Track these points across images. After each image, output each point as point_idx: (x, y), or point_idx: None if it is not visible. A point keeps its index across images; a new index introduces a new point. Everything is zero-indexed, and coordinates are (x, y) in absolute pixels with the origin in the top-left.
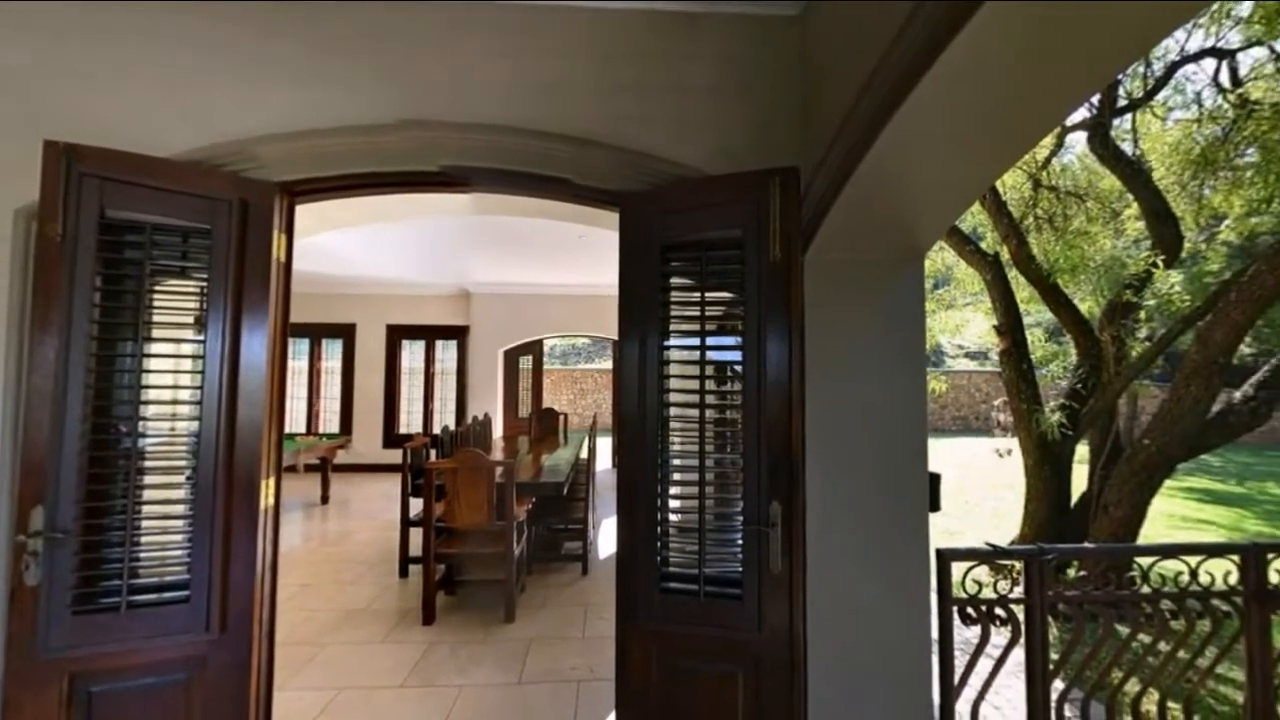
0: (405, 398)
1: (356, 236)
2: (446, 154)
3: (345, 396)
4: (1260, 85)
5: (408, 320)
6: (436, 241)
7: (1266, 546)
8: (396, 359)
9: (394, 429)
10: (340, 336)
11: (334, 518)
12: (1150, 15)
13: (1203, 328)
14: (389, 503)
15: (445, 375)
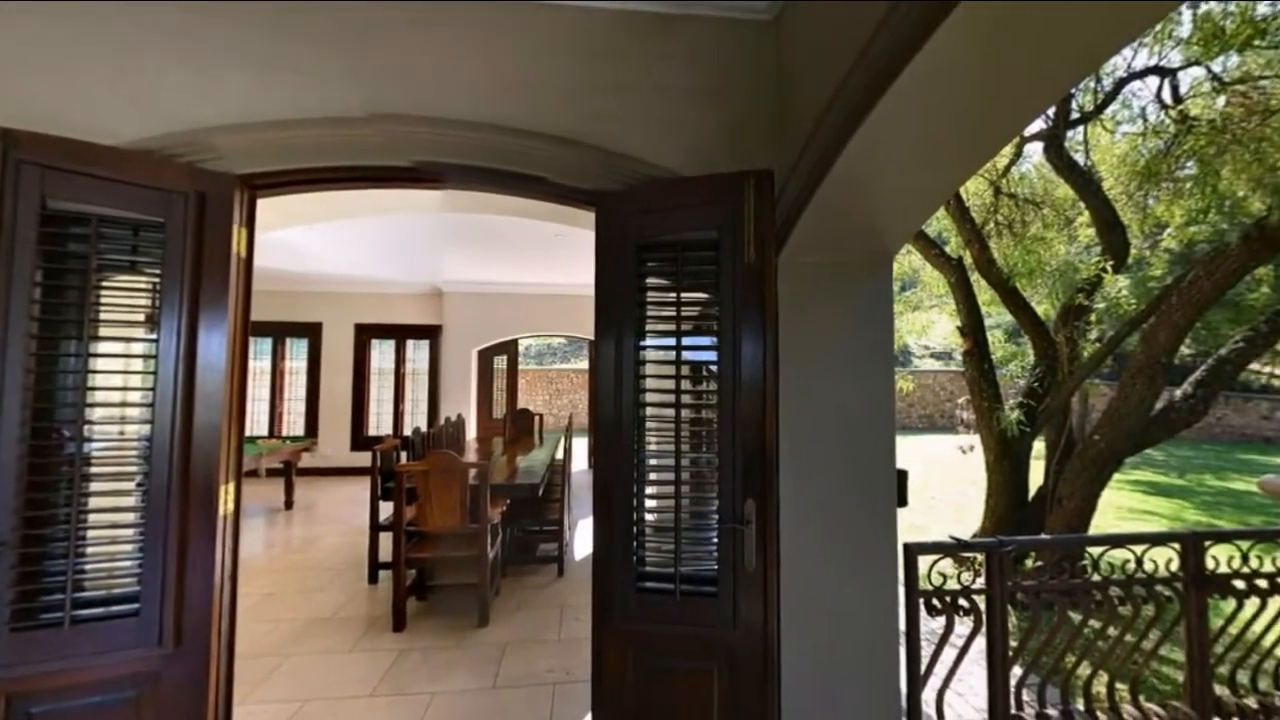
0: (374, 399)
1: (323, 232)
2: (420, 149)
3: (311, 398)
4: (1198, 103)
5: (377, 319)
6: (408, 239)
7: (1204, 535)
8: (365, 359)
9: (363, 431)
10: (306, 336)
11: (299, 523)
12: (1099, 32)
13: (1147, 329)
14: (357, 507)
15: (417, 376)
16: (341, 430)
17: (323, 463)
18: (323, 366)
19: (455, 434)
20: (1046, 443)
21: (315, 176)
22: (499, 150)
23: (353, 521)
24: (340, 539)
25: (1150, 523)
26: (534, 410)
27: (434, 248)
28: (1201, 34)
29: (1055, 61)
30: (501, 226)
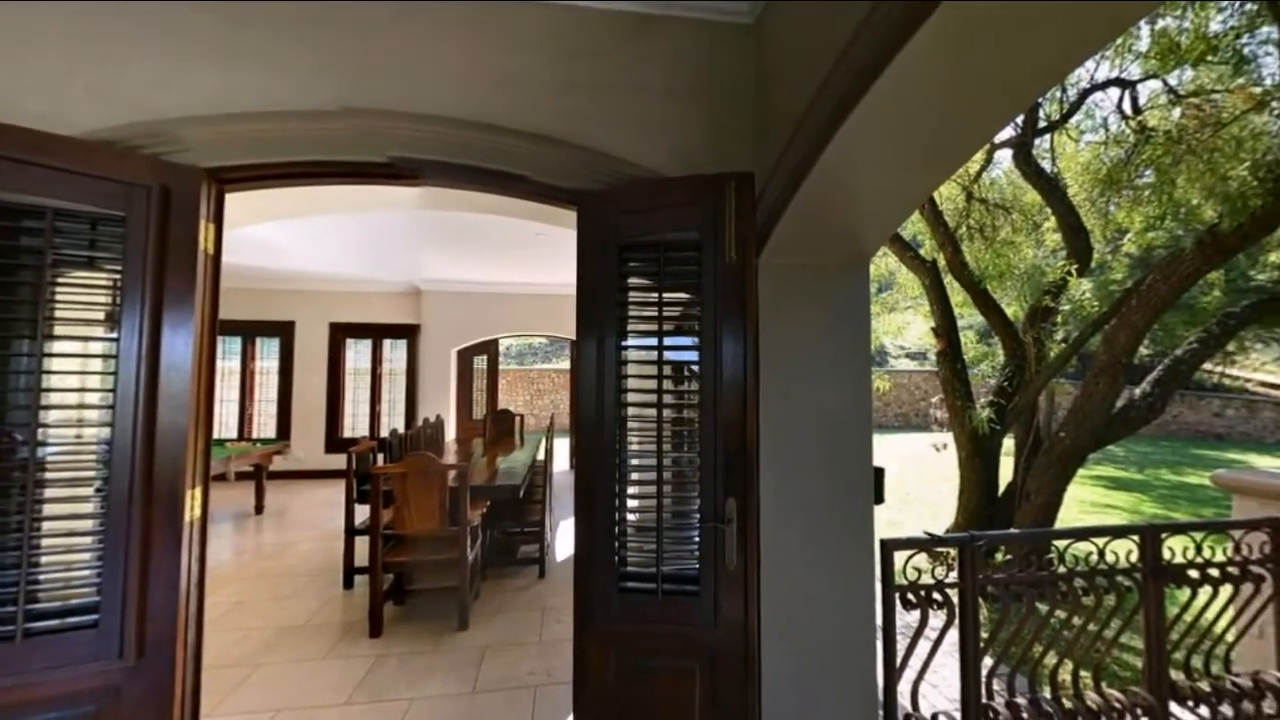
0: (350, 400)
1: (296, 229)
2: (396, 145)
3: (283, 399)
4: (1156, 114)
5: (353, 318)
6: (384, 236)
7: (1160, 527)
8: (340, 359)
9: (337, 433)
10: (277, 335)
11: (270, 529)
12: (1063, 45)
13: (1108, 331)
14: (332, 511)
15: (394, 376)
16: (315, 432)
17: (295, 466)
18: (295, 367)
19: (434, 435)
20: (1015, 440)
21: (287, 171)
22: (478, 147)
23: (327, 526)
24: (314, 544)
25: (1111, 516)
26: (515, 411)
27: (412, 245)
28: (1159, 48)
29: (1023, 72)
30: (481, 225)
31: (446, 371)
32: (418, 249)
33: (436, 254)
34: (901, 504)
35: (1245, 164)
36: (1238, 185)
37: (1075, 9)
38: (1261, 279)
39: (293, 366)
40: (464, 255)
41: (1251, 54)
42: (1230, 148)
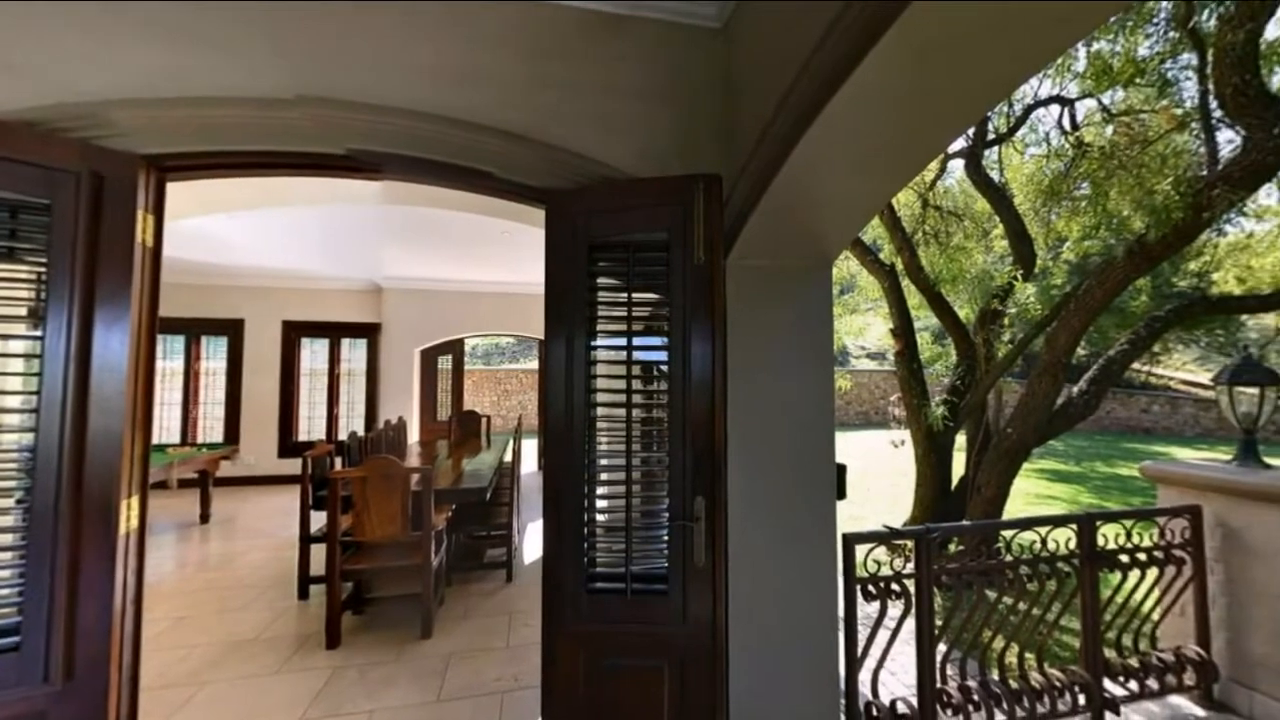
0: (305, 402)
1: (247, 221)
2: (355, 137)
3: (231, 401)
4: (1091, 131)
5: (308, 316)
6: (343, 230)
7: (1095, 516)
8: (295, 359)
9: (291, 436)
10: (225, 333)
11: (217, 538)
12: (1007, 63)
13: (1050, 333)
14: (285, 518)
15: (353, 377)
16: (267, 436)
17: (245, 471)
18: (245, 367)
19: (396, 438)
20: (967, 436)
21: (236, 161)
22: (443, 142)
23: (280, 534)
24: (265, 554)
25: (1053, 506)
26: (481, 412)
27: (373, 241)
28: (1094, 70)
29: (973, 87)
30: (446, 221)
31: (409, 372)
32: (379, 245)
33: (399, 250)
34: (863, 499)
35: (1169, 179)
36: (1162, 199)
37: (1019, 30)
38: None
39: (242, 367)
40: (428, 252)
41: (1174, 78)
42: (1156, 164)
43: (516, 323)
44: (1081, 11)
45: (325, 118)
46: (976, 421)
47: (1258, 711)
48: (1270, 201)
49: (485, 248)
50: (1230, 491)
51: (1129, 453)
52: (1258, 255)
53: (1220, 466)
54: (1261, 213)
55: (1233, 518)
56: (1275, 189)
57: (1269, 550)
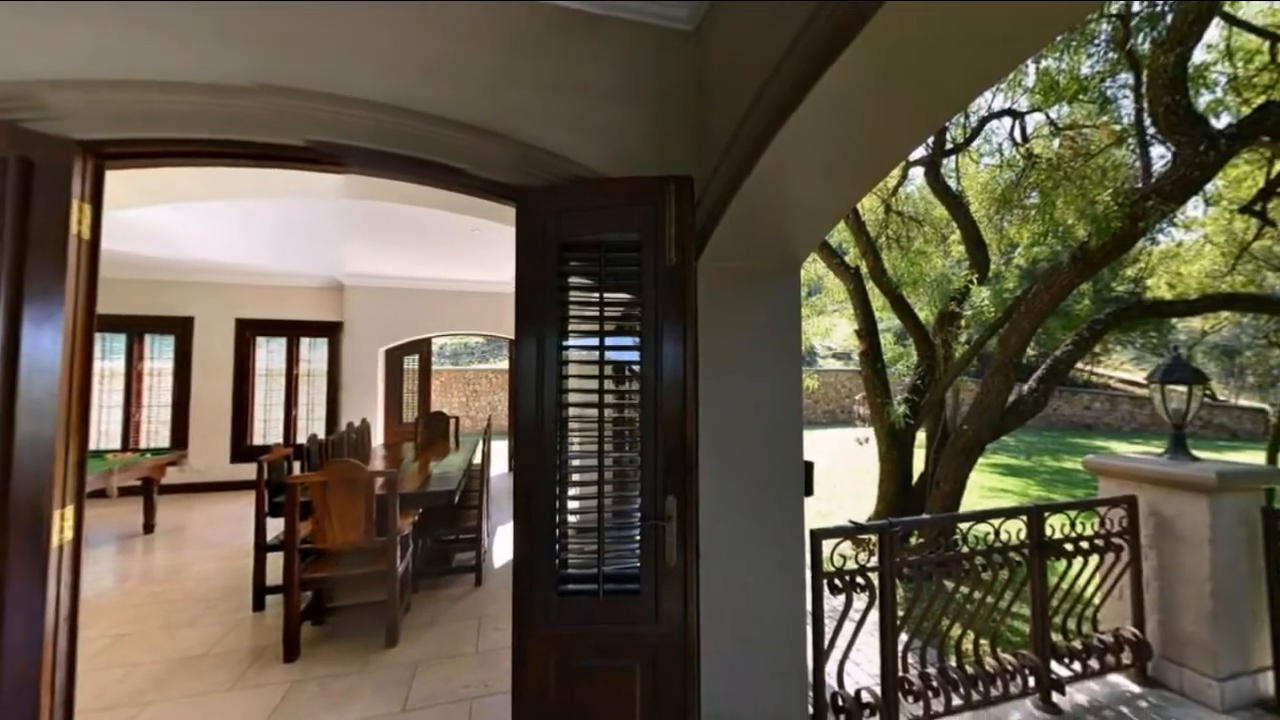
0: (261, 404)
1: (197, 213)
2: (316, 128)
3: (179, 404)
4: (1040, 143)
5: (264, 314)
6: (302, 225)
7: (1043, 507)
8: (249, 359)
9: (245, 440)
10: (172, 332)
11: (162, 549)
12: (965, 76)
13: (1002, 334)
14: (239, 526)
15: (313, 377)
16: (219, 440)
17: (195, 478)
18: (194, 367)
19: (359, 440)
20: (927, 433)
21: (184, 150)
22: (410, 135)
23: (233, 543)
24: (217, 564)
25: (1005, 499)
26: (449, 413)
27: (334, 237)
28: (1042, 85)
29: (932, 96)
30: (413, 217)
31: (373, 372)
32: (341, 241)
33: (362, 247)
34: (829, 495)
35: (1108, 191)
36: (1102, 209)
37: (975, 44)
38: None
39: (191, 367)
40: (393, 249)
41: (1113, 96)
42: (1097, 176)
43: (486, 322)
44: (1032, 28)
45: (283, 107)
46: (935, 419)
47: (1186, 686)
48: (1197, 214)
49: (454, 245)
50: (1162, 482)
51: (1073, 447)
52: (1186, 263)
53: (1153, 459)
54: (1189, 224)
55: (1164, 507)
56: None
57: (1196, 537)
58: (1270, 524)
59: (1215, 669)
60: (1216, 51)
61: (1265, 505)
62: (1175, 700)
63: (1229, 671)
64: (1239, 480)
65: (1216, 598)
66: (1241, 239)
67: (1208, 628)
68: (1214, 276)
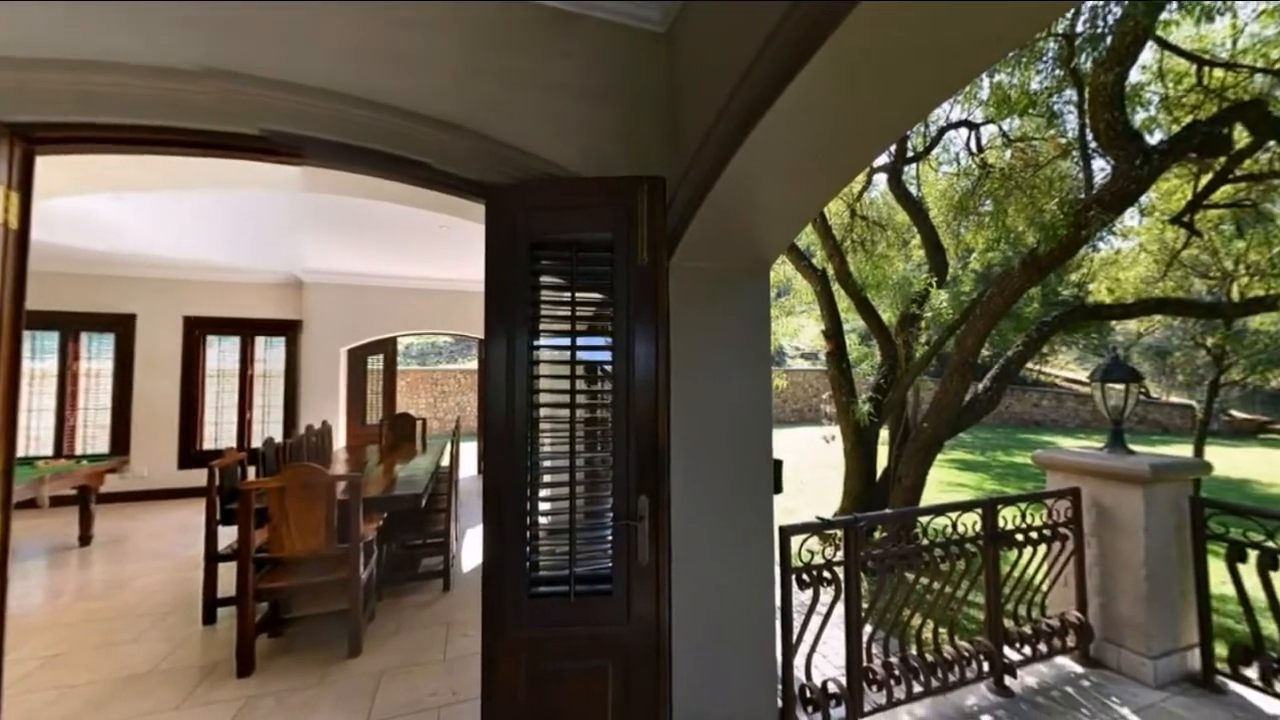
0: (212, 406)
1: (141, 203)
2: (272, 117)
3: (120, 406)
4: (994, 153)
5: (216, 311)
6: (258, 218)
7: (997, 500)
8: (198, 359)
9: (195, 445)
10: (112, 330)
11: (101, 562)
12: (925, 88)
13: (959, 335)
14: (187, 536)
15: (270, 378)
16: (165, 445)
17: (138, 485)
18: (137, 368)
19: (320, 444)
20: (889, 431)
21: (126, 136)
22: (373, 128)
23: (181, 554)
24: (162, 577)
25: (961, 493)
26: (416, 414)
27: (293, 231)
28: (996, 98)
29: (896, 105)
30: (377, 213)
31: (335, 372)
32: (300, 236)
33: (323, 242)
34: (797, 492)
35: (1055, 200)
36: (1050, 217)
37: (936, 57)
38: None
39: (133, 368)
40: (356, 245)
41: (1059, 111)
42: (1045, 186)
43: (454, 321)
44: (987, 43)
45: (236, 94)
46: (897, 417)
47: (1124, 665)
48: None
49: (420, 242)
50: (1102, 475)
51: (1024, 443)
52: (1123, 269)
53: (1094, 453)
54: (1126, 233)
55: (1105, 498)
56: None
57: (1132, 526)
58: (1197, 512)
59: (1149, 648)
60: (1150, 72)
61: (1193, 495)
62: (1114, 679)
63: (1161, 650)
64: (1170, 472)
65: (1150, 581)
66: (1172, 248)
67: (1142, 610)
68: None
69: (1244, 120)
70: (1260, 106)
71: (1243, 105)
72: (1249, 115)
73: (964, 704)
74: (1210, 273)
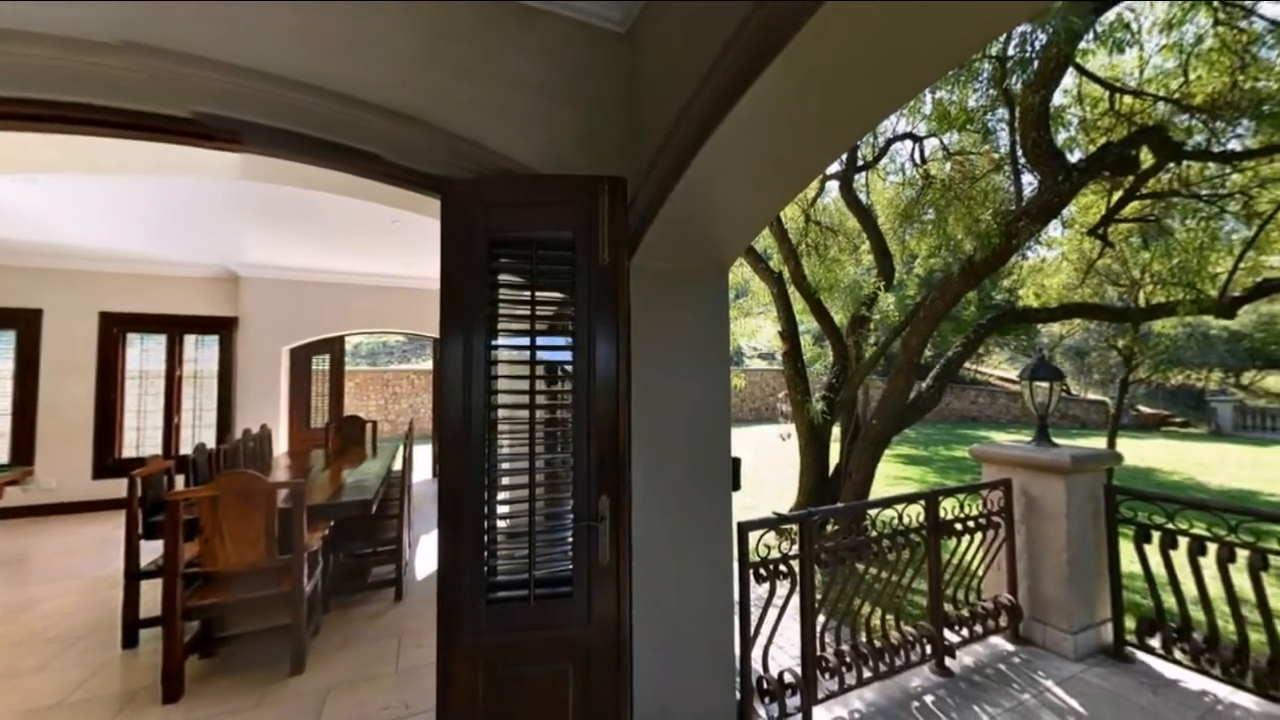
0: (134, 410)
1: (49, 187)
2: (205, 99)
3: (22, 411)
4: (935, 165)
5: (138, 307)
6: (189, 208)
7: (938, 492)
8: (117, 359)
9: (112, 453)
10: (13, 327)
11: (0, 583)
12: (873, 100)
13: (905, 336)
14: (103, 553)
15: (201, 379)
16: (77, 454)
17: (45, 498)
18: (44, 369)
19: (258, 449)
20: (841, 428)
21: (30, 112)
22: (320, 116)
23: (96, 572)
24: (75, 598)
25: (906, 486)
26: (366, 417)
27: (230, 222)
28: (937, 113)
29: (847, 114)
30: (324, 205)
31: (275, 373)
32: (238, 227)
33: (263, 234)
34: (755, 489)
35: (990, 211)
36: (985, 227)
37: (883, 71)
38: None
39: (39, 369)
40: (301, 238)
41: (993, 128)
42: (981, 197)
43: (407, 319)
44: (929, 60)
45: (162, 71)
46: (849, 415)
47: (1048, 641)
48: (1057, 234)
49: (371, 237)
50: (1030, 466)
51: (962, 438)
52: (1048, 276)
53: (1023, 447)
54: (1051, 242)
55: (1032, 487)
56: (1060, 224)
57: (1055, 513)
58: (1110, 499)
59: (1069, 624)
60: (1071, 96)
61: (1107, 483)
62: (1040, 654)
63: (1080, 625)
64: (1088, 463)
65: (1071, 564)
66: (1089, 257)
67: (1064, 590)
68: (1069, 288)
69: (1148, 143)
70: (1162, 131)
71: (1147, 130)
72: (1152, 139)
73: (909, 686)
74: (1121, 281)
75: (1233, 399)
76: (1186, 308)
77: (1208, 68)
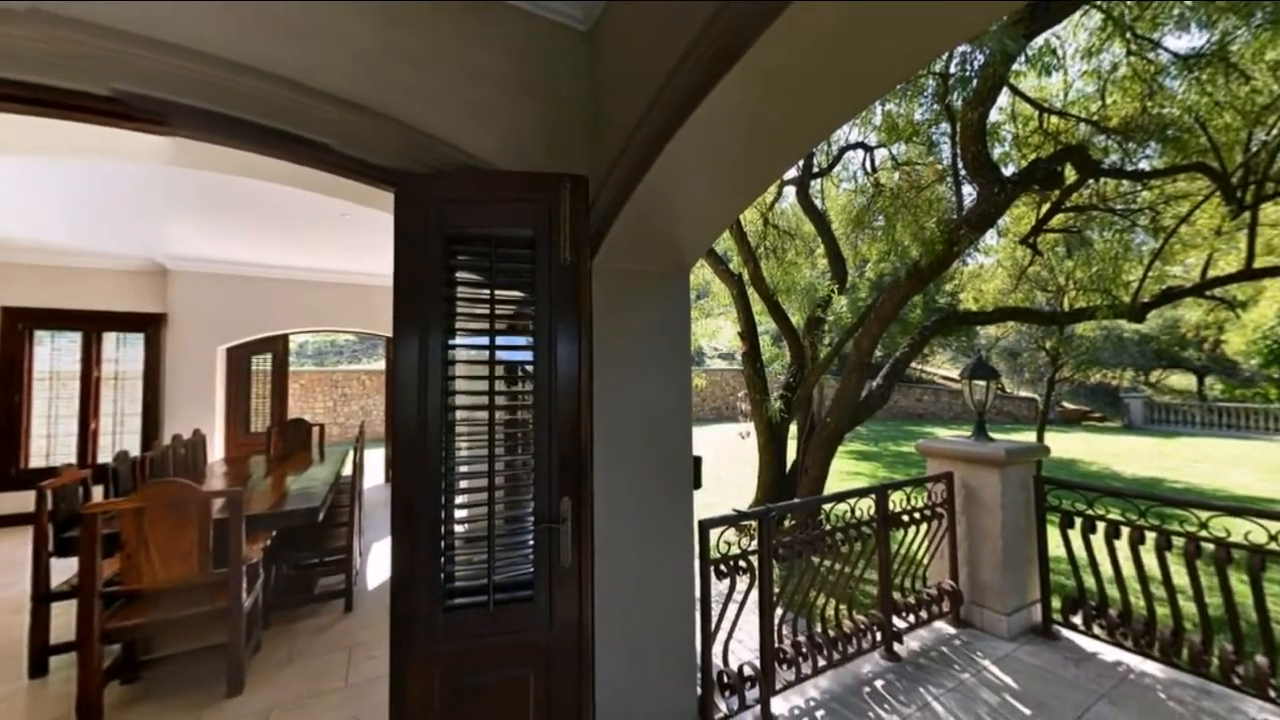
0: (43, 416)
1: None
2: (125, 76)
3: None
4: (885, 174)
5: (48, 301)
6: (111, 193)
7: (887, 486)
8: (22, 359)
9: (17, 463)
10: None
11: None
12: (831, 107)
13: (857, 337)
14: (6, 574)
15: (124, 381)
16: None
17: None
18: None
19: (190, 456)
20: (798, 426)
21: None
22: (262, 100)
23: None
24: None
25: (858, 481)
26: (312, 420)
27: (156, 210)
28: (886, 125)
29: (803, 121)
30: (266, 195)
31: (210, 374)
32: (166, 216)
33: (195, 225)
34: (716, 487)
35: (934, 219)
36: (930, 234)
37: (836, 80)
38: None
39: None
40: (238, 230)
41: (937, 141)
42: (926, 206)
43: (357, 317)
44: (880, 72)
45: (75, 44)
46: (805, 413)
47: (986, 623)
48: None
49: (318, 230)
50: (969, 460)
51: (909, 434)
52: (985, 282)
53: (964, 441)
54: (988, 250)
55: (971, 479)
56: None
57: (992, 503)
58: (1039, 488)
59: (1004, 606)
60: (1005, 114)
61: (1036, 474)
62: (979, 636)
63: (1013, 607)
64: (1020, 455)
65: (1005, 550)
66: (1021, 264)
67: (999, 575)
68: (1003, 293)
69: (1071, 160)
70: (1083, 150)
71: (1070, 148)
72: (1075, 157)
73: (861, 672)
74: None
75: (1142, 395)
76: (1104, 312)
77: (1122, 93)
